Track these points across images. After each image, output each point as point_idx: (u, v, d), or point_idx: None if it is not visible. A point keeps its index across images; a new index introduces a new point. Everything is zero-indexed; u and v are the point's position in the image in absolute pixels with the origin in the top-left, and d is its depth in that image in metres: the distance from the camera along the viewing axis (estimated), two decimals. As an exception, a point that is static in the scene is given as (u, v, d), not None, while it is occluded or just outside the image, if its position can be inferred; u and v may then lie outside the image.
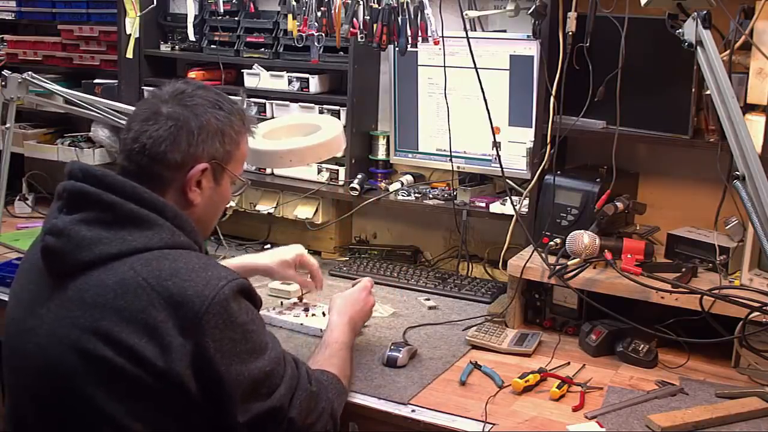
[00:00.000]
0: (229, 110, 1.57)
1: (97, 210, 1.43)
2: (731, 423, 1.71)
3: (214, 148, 1.53)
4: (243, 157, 1.62)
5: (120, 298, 1.37)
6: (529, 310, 2.23)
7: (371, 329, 2.18)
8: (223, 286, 1.39)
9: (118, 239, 1.41)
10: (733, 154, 1.65)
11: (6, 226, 2.95)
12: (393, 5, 2.12)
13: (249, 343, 1.42)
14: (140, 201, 1.44)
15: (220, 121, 1.54)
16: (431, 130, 2.69)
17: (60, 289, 1.43)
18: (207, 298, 1.37)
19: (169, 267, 1.40)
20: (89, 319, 1.38)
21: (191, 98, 1.53)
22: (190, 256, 1.44)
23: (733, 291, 1.90)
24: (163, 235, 1.44)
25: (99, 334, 1.37)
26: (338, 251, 2.87)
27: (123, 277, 1.38)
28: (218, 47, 2.95)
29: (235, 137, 1.57)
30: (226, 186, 1.60)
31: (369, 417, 1.79)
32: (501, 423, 1.72)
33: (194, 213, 1.54)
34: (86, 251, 1.41)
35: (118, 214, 1.43)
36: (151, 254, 1.41)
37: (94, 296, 1.39)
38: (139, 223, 1.43)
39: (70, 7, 3.19)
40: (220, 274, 1.42)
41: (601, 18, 2.14)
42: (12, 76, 2.66)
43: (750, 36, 1.94)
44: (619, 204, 2.16)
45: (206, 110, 1.53)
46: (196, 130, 1.50)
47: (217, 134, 1.53)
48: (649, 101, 2.18)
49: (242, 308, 1.42)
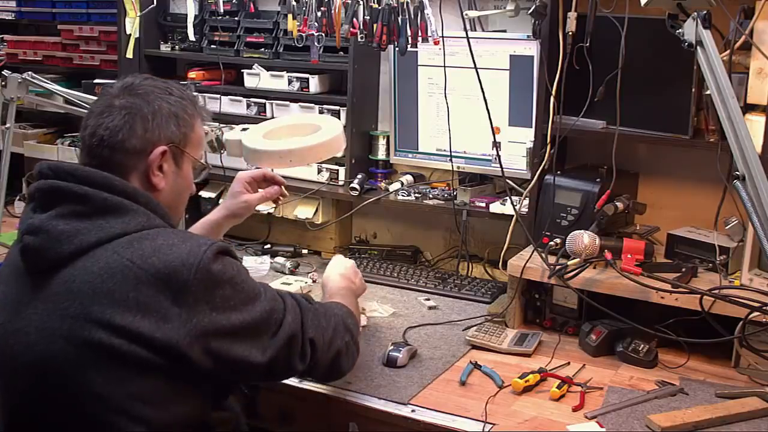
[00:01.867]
0: (179, 95, 1.60)
1: (71, 203, 1.45)
2: (731, 423, 1.71)
3: (170, 131, 1.56)
4: (199, 140, 1.66)
5: (108, 281, 1.39)
6: (529, 310, 2.23)
7: (371, 329, 2.18)
8: (204, 250, 1.42)
9: (96, 228, 1.44)
10: (733, 154, 1.65)
11: (6, 226, 2.95)
12: (393, 5, 2.12)
13: (242, 293, 1.47)
14: (112, 189, 1.47)
15: (172, 105, 1.57)
16: (431, 130, 2.69)
17: (44, 286, 1.44)
18: (192, 265, 1.40)
19: (151, 245, 1.42)
20: (79, 307, 1.39)
21: (141, 87, 1.56)
22: (167, 233, 1.48)
23: (733, 291, 1.90)
24: (140, 219, 1.47)
25: (92, 320, 1.38)
26: (338, 251, 2.87)
27: (107, 261, 1.41)
28: (218, 47, 2.95)
29: (189, 120, 1.60)
30: (188, 170, 1.63)
31: (369, 417, 1.79)
32: (501, 423, 1.72)
33: (160, 198, 1.57)
34: (66, 244, 1.43)
35: (93, 204, 1.45)
36: (131, 236, 1.44)
37: (81, 284, 1.40)
38: (114, 210, 1.46)
39: (70, 7, 3.19)
40: (199, 241, 1.46)
41: (601, 18, 2.14)
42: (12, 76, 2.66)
43: (750, 36, 1.94)
44: (619, 204, 2.16)
45: (157, 96, 1.56)
46: (150, 116, 1.54)
47: (171, 117, 1.56)
48: (649, 101, 2.18)
49: (226, 265, 1.46)
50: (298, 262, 2.71)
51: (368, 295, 2.43)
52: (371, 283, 2.54)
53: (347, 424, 1.78)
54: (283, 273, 2.62)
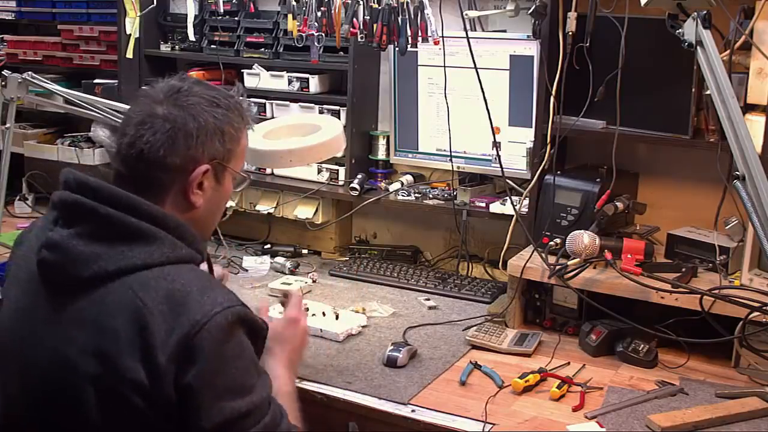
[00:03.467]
0: (227, 106, 1.49)
1: (94, 224, 1.38)
2: (731, 423, 1.71)
3: (214, 148, 1.46)
4: (244, 151, 1.56)
5: (117, 319, 1.33)
6: (529, 310, 2.23)
7: (371, 329, 2.18)
8: (216, 313, 1.32)
9: (117, 255, 1.36)
10: (733, 154, 1.65)
11: (6, 226, 2.95)
12: (393, 5, 2.12)
13: (231, 380, 1.34)
14: (139, 213, 1.38)
15: (218, 120, 1.47)
16: (431, 130, 2.69)
17: (58, 306, 1.39)
18: (197, 324, 1.31)
19: (166, 288, 1.34)
20: (87, 339, 1.34)
21: (186, 97, 1.45)
22: (189, 275, 1.39)
23: (733, 291, 1.90)
24: (164, 250, 1.39)
25: (96, 355, 1.33)
26: (338, 251, 2.87)
27: (121, 297, 1.33)
28: (218, 47, 2.95)
29: (235, 134, 1.51)
30: (228, 184, 1.54)
31: (369, 417, 1.79)
32: (501, 423, 1.72)
33: (196, 215, 1.49)
34: (84, 268, 1.36)
35: (117, 228, 1.37)
36: (151, 273, 1.36)
37: (92, 316, 1.35)
38: (138, 237, 1.38)
39: (70, 7, 3.19)
40: (216, 299, 1.35)
41: (601, 18, 2.14)
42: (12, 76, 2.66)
43: (750, 36, 1.94)
44: (619, 204, 2.16)
45: (203, 109, 1.45)
46: (195, 132, 1.43)
47: (217, 133, 1.46)
48: (649, 101, 2.18)
49: (234, 341, 1.35)
50: (298, 262, 2.71)
51: (368, 295, 2.44)
52: (371, 283, 2.55)
53: (347, 424, 1.78)
54: (283, 273, 2.62)
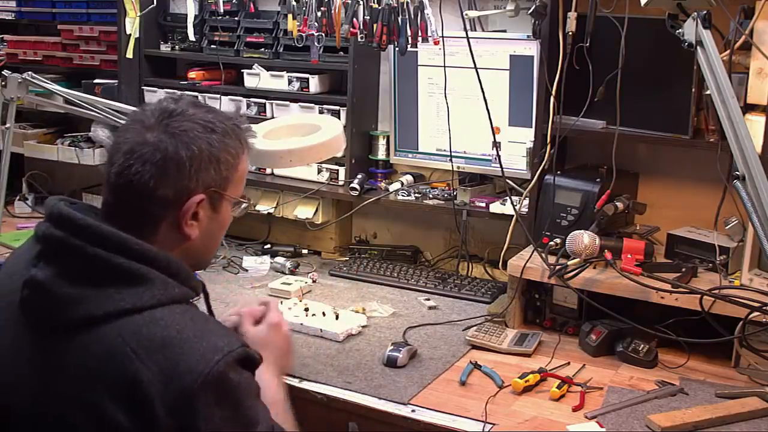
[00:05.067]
0: (223, 131, 1.38)
1: (80, 264, 1.29)
2: (731, 423, 1.71)
3: (209, 177, 1.37)
4: (242, 176, 1.46)
5: (107, 368, 1.24)
6: (529, 310, 2.23)
7: (371, 329, 2.18)
8: (218, 360, 1.25)
9: (105, 298, 1.27)
10: (733, 154, 1.65)
11: (6, 226, 2.95)
12: (393, 5, 2.12)
13: (243, 418, 1.29)
14: (129, 253, 1.30)
15: (214, 147, 1.36)
16: (431, 130, 2.69)
17: (43, 350, 1.31)
18: (200, 374, 1.23)
19: (160, 336, 1.26)
20: (75, 390, 1.27)
21: (180, 122, 1.35)
22: (183, 318, 1.30)
23: (733, 291, 1.90)
24: (155, 292, 1.30)
25: (84, 406, 1.25)
26: (338, 251, 2.87)
27: (110, 345, 1.25)
28: (218, 47, 2.95)
29: (233, 161, 1.40)
30: (226, 211, 1.44)
31: (369, 417, 1.79)
32: (501, 423, 1.72)
33: (191, 246, 1.40)
34: (69, 311, 1.27)
35: (105, 269, 1.28)
36: (141, 318, 1.27)
37: (79, 366, 1.27)
38: (127, 278, 1.29)
39: (70, 7, 3.18)
40: (216, 344, 1.27)
41: (601, 18, 2.14)
42: (12, 76, 2.66)
43: (750, 36, 1.94)
44: (619, 204, 2.16)
45: (197, 135, 1.35)
46: (188, 161, 1.33)
47: (212, 161, 1.36)
48: (649, 101, 2.18)
49: (239, 382, 1.29)
50: (298, 262, 2.71)
51: (368, 295, 2.44)
52: (371, 283, 2.55)
53: (347, 424, 1.78)
54: (283, 273, 2.62)
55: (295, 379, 1.87)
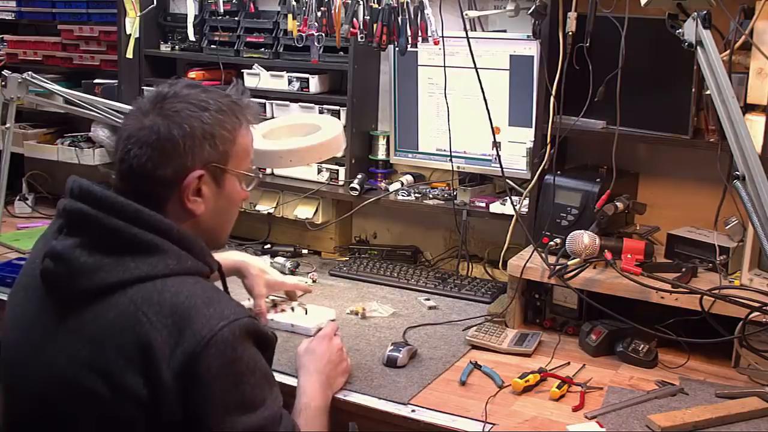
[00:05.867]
0: (217, 108, 1.44)
1: (98, 234, 1.35)
2: (731, 423, 1.71)
3: (206, 153, 1.42)
4: (245, 150, 1.50)
5: (120, 333, 1.30)
6: (529, 310, 2.23)
7: (371, 329, 2.18)
8: (222, 326, 1.29)
9: (120, 267, 1.33)
10: (733, 154, 1.65)
11: (6, 226, 2.95)
12: (393, 5, 2.12)
13: (242, 395, 1.31)
14: (144, 224, 1.36)
15: (206, 124, 1.42)
16: (431, 130, 2.69)
17: (60, 317, 1.37)
18: (204, 339, 1.27)
19: (170, 301, 1.31)
20: (88, 354, 1.32)
21: (172, 104, 1.42)
22: (194, 287, 1.35)
23: (733, 291, 1.90)
24: (168, 261, 1.36)
25: (97, 370, 1.31)
26: (338, 251, 2.87)
27: (123, 310, 1.31)
28: (218, 47, 2.95)
29: (229, 135, 1.45)
30: (232, 186, 1.49)
31: (369, 417, 1.79)
32: (501, 423, 1.71)
33: (201, 223, 1.45)
34: (85, 279, 1.34)
35: (121, 239, 1.35)
36: (153, 285, 1.33)
37: (94, 330, 1.32)
38: (143, 248, 1.35)
39: (70, 7, 3.19)
40: (222, 312, 1.32)
41: (601, 18, 2.14)
42: (12, 76, 2.66)
43: (750, 36, 1.94)
44: (619, 204, 2.16)
45: (189, 114, 1.41)
46: (181, 140, 1.39)
47: (206, 138, 1.42)
48: (649, 101, 2.18)
49: (243, 355, 1.31)
50: (298, 262, 2.71)
51: (368, 295, 2.44)
52: (371, 283, 2.55)
53: (347, 424, 1.78)
54: (283, 273, 2.62)
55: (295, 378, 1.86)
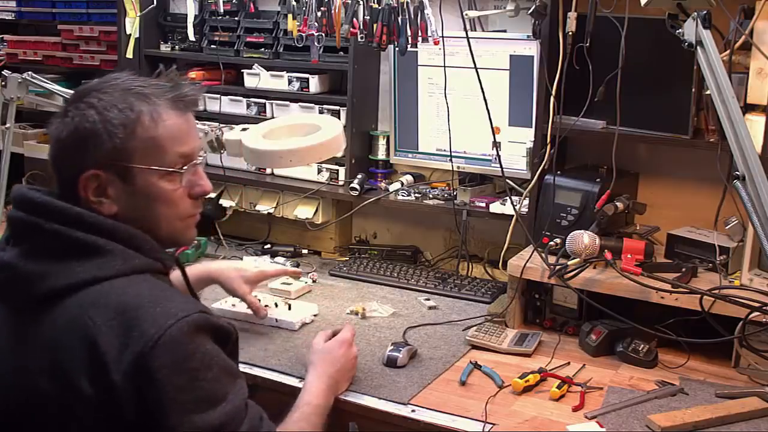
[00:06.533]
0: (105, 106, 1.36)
1: (41, 240, 1.34)
2: (731, 423, 1.71)
3: (97, 151, 1.35)
4: (156, 144, 1.38)
5: (69, 338, 1.28)
6: (529, 310, 2.23)
7: (371, 329, 2.18)
8: (171, 325, 1.25)
9: (67, 271, 1.31)
10: (733, 154, 1.65)
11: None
12: (393, 5, 2.12)
13: (199, 392, 1.27)
14: (87, 227, 1.33)
15: (89, 122, 1.35)
16: (431, 130, 2.69)
17: (18, 326, 1.36)
18: (152, 338, 1.23)
19: (116, 302, 1.28)
20: (48, 362, 1.30)
21: (74, 104, 1.38)
22: (140, 287, 1.32)
23: (733, 291, 1.90)
24: (115, 263, 1.33)
25: (53, 375, 1.29)
26: (338, 251, 2.87)
27: (72, 315, 1.29)
28: (218, 47, 2.95)
29: (123, 129, 1.35)
30: (146, 182, 1.39)
31: (369, 417, 1.79)
32: (501, 423, 1.71)
33: (131, 222, 1.39)
34: (35, 287, 1.32)
35: (65, 243, 1.32)
36: (101, 287, 1.30)
37: (48, 338, 1.31)
38: (88, 251, 1.32)
39: (70, 7, 3.19)
40: (169, 310, 1.27)
41: (601, 18, 2.14)
42: (12, 76, 2.66)
43: (750, 36, 1.94)
44: (619, 204, 2.16)
45: (78, 113, 1.36)
46: (69, 140, 1.36)
47: (90, 137, 1.35)
48: (649, 101, 2.18)
49: (196, 351, 1.27)
50: (298, 262, 2.71)
51: (368, 295, 2.44)
52: (371, 283, 2.55)
53: (347, 424, 1.78)
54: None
55: (295, 378, 1.87)
